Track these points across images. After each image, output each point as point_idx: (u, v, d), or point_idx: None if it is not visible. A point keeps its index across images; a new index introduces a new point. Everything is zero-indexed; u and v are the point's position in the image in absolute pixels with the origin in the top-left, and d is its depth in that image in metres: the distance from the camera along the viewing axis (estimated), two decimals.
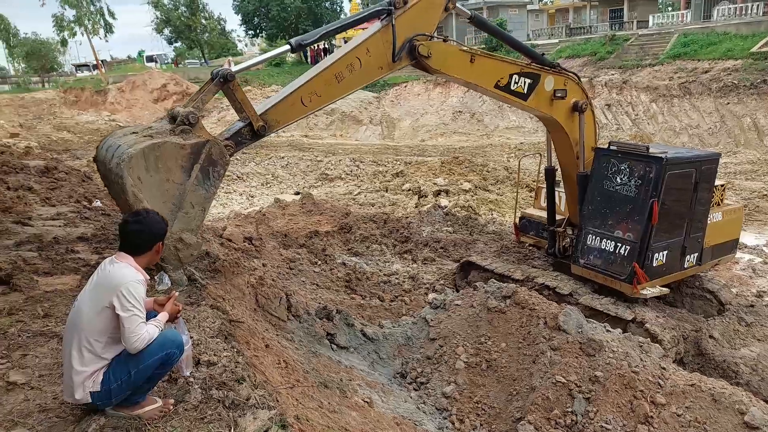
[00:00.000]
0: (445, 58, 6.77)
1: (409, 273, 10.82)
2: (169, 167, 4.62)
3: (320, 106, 6.10)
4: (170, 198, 4.68)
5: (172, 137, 4.76)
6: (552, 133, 8.61)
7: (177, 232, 4.72)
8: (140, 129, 5.09)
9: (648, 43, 32.25)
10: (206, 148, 4.85)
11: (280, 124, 5.77)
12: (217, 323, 4.53)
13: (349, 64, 6.05)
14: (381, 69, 6.36)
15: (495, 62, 7.37)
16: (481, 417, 6.06)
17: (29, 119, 27.44)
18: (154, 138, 4.67)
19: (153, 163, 4.53)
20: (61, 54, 55.75)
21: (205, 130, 5.09)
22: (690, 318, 8.36)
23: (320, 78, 5.93)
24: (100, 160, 5.10)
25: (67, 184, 9.07)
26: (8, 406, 3.45)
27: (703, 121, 25.33)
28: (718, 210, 8.91)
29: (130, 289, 3.01)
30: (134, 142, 4.57)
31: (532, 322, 6.65)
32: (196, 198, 4.85)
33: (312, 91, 5.86)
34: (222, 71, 5.24)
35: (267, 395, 3.67)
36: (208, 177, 4.87)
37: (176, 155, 4.68)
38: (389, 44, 6.24)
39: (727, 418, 5.12)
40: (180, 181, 4.71)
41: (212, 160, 4.88)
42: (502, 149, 25.40)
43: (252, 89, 37.64)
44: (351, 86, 6.20)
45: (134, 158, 4.40)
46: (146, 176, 4.46)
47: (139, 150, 4.42)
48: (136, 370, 3.06)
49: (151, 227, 3.24)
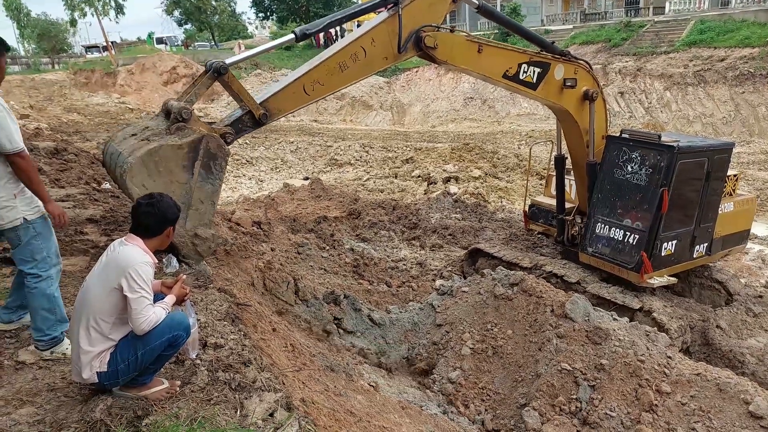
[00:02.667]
0: (451, 49, 6.69)
1: (417, 259, 10.83)
2: (171, 169, 4.65)
3: (323, 95, 6.06)
4: (178, 198, 4.65)
5: (168, 138, 4.73)
6: (562, 122, 8.53)
7: (191, 229, 4.82)
8: (138, 129, 5.10)
9: (664, 29, 31.76)
10: (203, 144, 4.82)
11: (282, 112, 5.78)
12: (225, 306, 4.56)
13: (353, 53, 6.00)
14: (386, 59, 6.31)
15: (503, 52, 7.28)
16: (485, 402, 6.09)
17: (39, 100, 27.54)
18: (151, 142, 4.66)
19: (154, 169, 4.56)
20: (71, 35, 55.88)
21: (200, 123, 5.06)
22: (697, 308, 8.33)
23: (323, 67, 5.88)
24: (107, 166, 5.17)
25: (77, 166, 9.10)
26: (17, 385, 3.51)
27: (718, 110, 25.00)
28: (730, 200, 8.83)
29: (138, 271, 3.03)
30: (133, 149, 4.59)
31: (539, 309, 6.65)
32: (203, 193, 4.89)
33: (315, 80, 5.82)
34: (215, 63, 5.21)
35: (273, 378, 3.69)
36: (211, 171, 4.88)
37: (175, 156, 4.68)
38: (395, 35, 6.17)
39: (732, 408, 5.11)
40: (184, 180, 4.74)
41: (211, 154, 4.87)
42: (513, 136, 25.24)
43: (262, 73, 37.60)
44: (354, 76, 6.15)
45: (134, 167, 4.44)
46: (150, 182, 4.50)
47: (137, 159, 4.44)
48: (143, 351, 3.09)
49: (163, 211, 3.25)
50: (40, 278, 3.79)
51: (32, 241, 3.79)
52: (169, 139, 4.74)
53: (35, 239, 3.80)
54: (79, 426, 3.04)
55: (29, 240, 3.79)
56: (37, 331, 3.84)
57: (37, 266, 3.78)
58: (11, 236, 3.76)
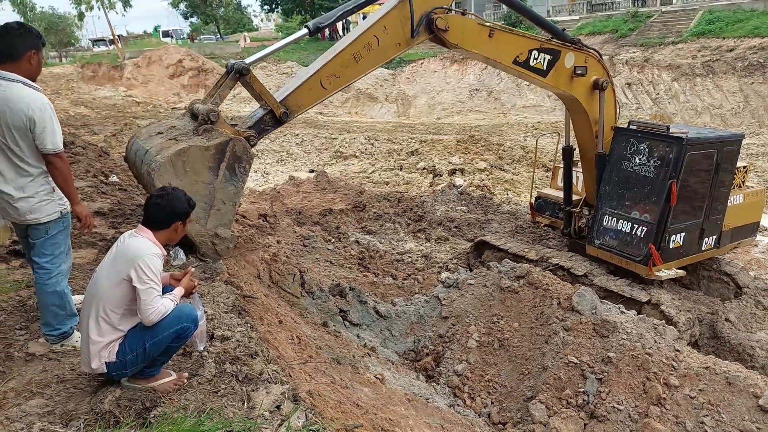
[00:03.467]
0: (463, 32, 6.66)
1: (423, 252, 10.81)
2: (197, 169, 4.76)
3: (340, 88, 6.08)
4: (202, 198, 4.81)
5: (196, 139, 4.85)
6: (571, 111, 8.47)
7: (212, 228, 4.94)
8: (164, 128, 5.21)
9: (672, 20, 31.49)
10: (230, 146, 4.93)
11: (301, 109, 5.81)
12: (231, 298, 4.57)
13: (366, 43, 6.00)
14: (399, 45, 6.30)
15: (514, 37, 7.23)
16: (492, 395, 6.09)
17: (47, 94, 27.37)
18: (179, 142, 4.78)
19: (181, 168, 4.67)
20: (78, 29, 55.97)
21: (226, 125, 5.15)
22: (706, 300, 8.29)
23: (338, 59, 5.89)
24: (130, 162, 5.34)
25: (85, 159, 9.12)
26: (27, 377, 3.54)
27: (726, 101, 24.80)
28: (739, 192, 8.76)
29: (147, 262, 3.05)
30: (161, 148, 4.71)
31: (546, 302, 6.63)
32: (226, 194, 4.99)
33: (331, 73, 5.85)
34: (237, 65, 5.27)
35: (280, 370, 3.70)
36: (235, 173, 4.99)
37: (202, 157, 4.79)
38: (407, 19, 6.16)
39: (741, 402, 5.09)
40: (208, 181, 4.84)
41: (237, 157, 4.98)
42: (519, 128, 25.14)
43: (267, 65, 37.50)
44: (369, 65, 6.16)
45: (163, 166, 4.56)
46: (176, 181, 4.57)
47: (167, 158, 4.56)
48: (151, 342, 3.11)
49: (173, 205, 3.27)
50: (52, 274, 3.80)
51: (57, 236, 3.83)
52: (197, 140, 4.84)
53: (61, 234, 3.85)
54: (88, 417, 3.06)
55: (55, 234, 3.83)
56: (47, 326, 3.87)
57: (51, 261, 3.81)
58: (39, 228, 3.78)
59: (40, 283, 3.81)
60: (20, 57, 3.56)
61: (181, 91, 33.65)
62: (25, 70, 3.59)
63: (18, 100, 3.49)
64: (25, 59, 3.59)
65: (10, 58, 3.55)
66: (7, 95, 3.50)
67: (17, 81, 3.53)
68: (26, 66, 3.60)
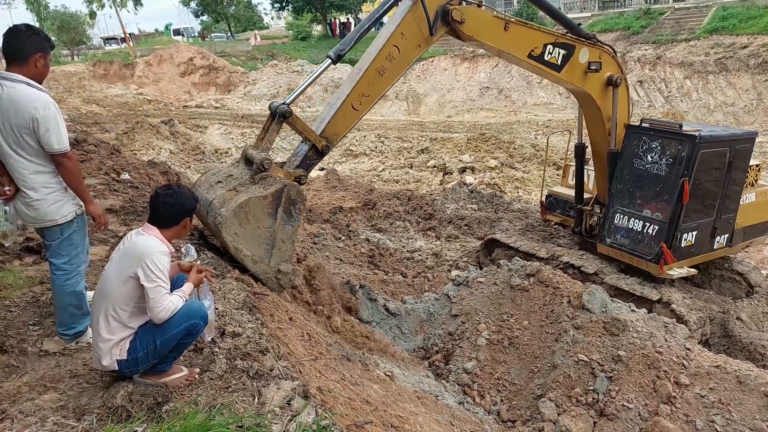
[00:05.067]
0: (478, 24, 6.63)
1: (433, 250, 10.81)
2: (258, 217, 5.17)
3: (371, 105, 6.23)
4: (264, 240, 5.27)
5: (254, 189, 5.27)
6: (584, 107, 8.42)
7: (275, 265, 5.35)
8: (223, 177, 5.66)
9: (684, 17, 31.18)
10: (285, 192, 5.30)
11: (339, 135, 6.05)
12: (242, 295, 4.59)
13: (387, 54, 6.07)
14: (419, 47, 6.32)
15: (529, 31, 7.19)
16: (501, 393, 6.09)
17: (59, 92, 27.80)
18: (239, 193, 5.24)
19: (244, 218, 5.09)
20: (90, 27, 56.36)
21: (278, 170, 5.56)
22: (717, 299, 8.23)
23: (364, 79, 5.99)
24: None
25: (96, 157, 9.19)
26: (40, 372, 3.58)
27: (739, 99, 24.54)
28: (752, 191, 8.69)
29: (154, 260, 3.07)
30: (224, 200, 5.19)
31: (556, 300, 6.61)
32: (285, 234, 5.37)
33: (359, 94, 6.00)
34: (279, 109, 5.55)
35: (290, 366, 3.72)
36: (291, 215, 5.37)
37: (261, 206, 5.17)
38: (422, 20, 6.16)
39: (752, 401, 5.05)
40: (269, 225, 5.24)
41: (292, 200, 5.34)
42: (530, 126, 25.03)
43: (278, 63, 37.60)
44: (395, 75, 6.25)
45: (228, 219, 5.01)
46: (241, 230, 5.07)
47: (231, 211, 5.01)
48: (161, 339, 3.13)
49: (180, 202, 3.29)
50: (70, 275, 3.82)
51: (73, 236, 3.84)
52: (255, 189, 5.25)
53: (75, 235, 3.85)
54: (100, 411, 3.09)
55: (70, 235, 3.83)
56: (63, 325, 3.90)
57: (69, 262, 3.82)
58: (54, 230, 3.78)
59: (58, 284, 3.82)
60: (26, 60, 3.60)
61: (192, 89, 33.80)
62: (31, 72, 3.62)
63: (22, 100, 3.52)
64: (31, 62, 3.61)
65: (17, 60, 3.59)
66: (12, 95, 3.52)
67: (21, 82, 3.56)
68: (32, 69, 3.63)
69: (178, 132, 21.03)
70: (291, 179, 5.55)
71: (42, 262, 5.21)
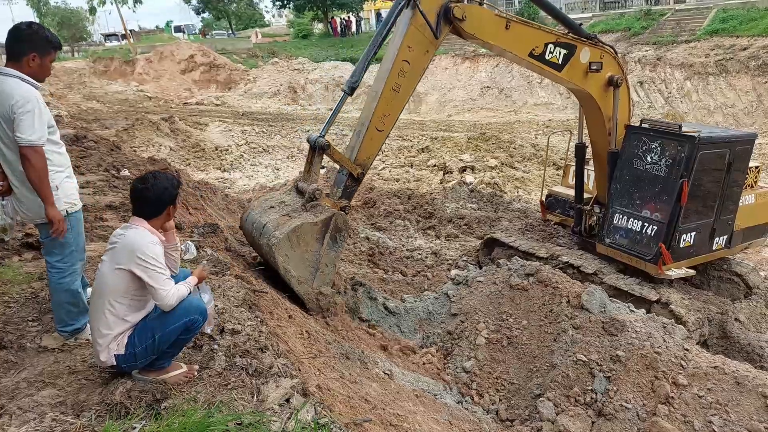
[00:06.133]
0: (480, 22, 6.64)
1: (432, 249, 10.81)
2: (307, 241, 5.65)
3: (394, 123, 6.48)
4: (310, 263, 5.72)
5: (306, 215, 5.77)
6: (584, 107, 8.42)
7: (317, 287, 5.78)
8: (276, 203, 6.18)
9: (685, 18, 31.15)
10: (333, 220, 5.82)
11: (371, 159, 6.39)
12: (242, 293, 4.60)
13: (399, 71, 6.21)
14: (427, 53, 6.39)
15: (531, 30, 7.18)
16: (500, 392, 6.10)
17: (60, 88, 27.75)
18: (292, 218, 5.72)
19: (295, 242, 5.57)
20: (90, 23, 56.23)
21: (327, 200, 6.09)
22: (716, 300, 8.23)
23: (382, 100, 6.20)
24: (246, 231, 6.29)
25: (96, 153, 9.19)
26: (39, 368, 3.57)
27: (739, 100, 24.52)
28: (751, 192, 8.69)
29: (146, 251, 3.08)
30: (277, 224, 5.66)
31: (555, 300, 6.62)
32: (328, 259, 5.83)
33: (381, 116, 6.25)
34: (318, 143, 6.02)
35: (289, 364, 3.73)
36: (336, 241, 5.86)
37: (311, 231, 5.67)
38: (425, 27, 6.20)
39: (749, 401, 5.06)
40: (315, 249, 5.71)
41: (338, 228, 5.87)
42: (530, 126, 25.01)
43: (279, 61, 37.54)
44: (410, 88, 6.42)
45: (282, 242, 5.46)
46: (291, 252, 5.53)
47: (284, 234, 5.47)
48: (160, 334, 3.14)
49: (159, 192, 3.25)
50: (64, 273, 3.81)
51: (66, 235, 3.80)
52: (306, 216, 5.75)
53: (68, 233, 3.81)
54: (99, 408, 3.09)
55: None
56: (61, 323, 3.89)
57: (63, 260, 3.81)
58: (46, 227, 3.76)
59: (54, 282, 3.81)
60: (19, 60, 3.61)
61: (192, 86, 33.73)
62: (26, 71, 3.62)
63: (7, 91, 3.51)
64: (25, 62, 3.62)
65: (12, 58, 3.62)
66: (1, 87, 3.53)
67: (15, 76, 3.57)
68: (26, 68, 3.62)
69: (178, 129, 21.01)
70: (337, 209, 6.05)
71: (41, 258, 5.20)
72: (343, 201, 6.25)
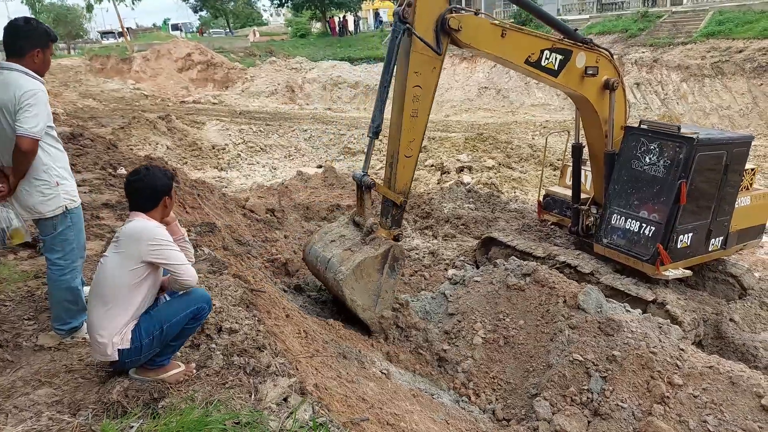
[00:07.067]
0: (476, 32, 6.63)
1: (430, 248, 10.82)
2: (370, 273, 6.11)
3: (420, 145, 6.70)
4: (372, 292, 6.17)
5: (366, 249, 6.22)
6: (581, 110, 8.44)
7: (379, 312, 6.26)
8: (336, 236, 6.62)
9: (681, 20, 31.24)
10: (391, 252, 6.23)
11: (408, 184, 6.69)
12: (239, 292, 4.60)
13: (413, 97, 6.29)
14: (435, 69, 6.38)
15: (526, 37, 7.18)
16: (496, 392, 6.11)
17: (55, 86, 27.64)
18: (354, 252, 6.20)
19: (359, 275, 6.03)
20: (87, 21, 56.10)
21: (382, 230, 6.49)
22: (711, 301, 8.27)
23: (405, 130, 6.38)
24: (310, 264, 6.75)
25: (93, 152, 9.16)
26: (35, 366, 3.56)
27: (735, 102, 24.62)
28: (747, 194, 8.72)
29: (155, 236, 3.12)
30: (341, 259, 6.15)
31: (552, 300, 6.64)
32: (388, 285, 6.27)
33: (407, 144, 6.45)
34: (364, 182, 6.48)
35: (287, 363, 3.73)
36: (394, 270, 6.29)
37: (373, 264, 6.11)
38: (425, 48, 6.19)
39: (744, 401, 5.08)
40: (376, 279, 6.15)
41: (396, 258, 6.29)
42: (527, 126, 25.06)
43: (277, 60, 37.52)
44: (427, 108, 6.52)
45: (348, 277, 5.95)
46: (356, 284, 6.02)
47: (350, 271, 5.96)
48: (168, 324, 3.14)
49: (152, 185, 3.25)
50: (64, 270, 3.79)
51: (66, 232, 3.79)
52: (367, 250, 6.19)
53: (69, 230, 3.80)
54: (96, 407, 3.09)
55: (63, 230, 3.79)
56: (58, 320, 3.87)
57: (63, 257, 3.79)
58: (46, 224, 3.75)
59: (53, 279, 3.79)
60: (23, 56, 3.60)
61: (189, 84, 33.66)
62: (29, 67, 3.61)
63: (12, 83, 3.50)
64: (29, 57, 3.61)
65: (14, 55, 3.59)
66: (5, 79, 3.52)
67: (17, 70, 3.56)
68: (30, 63, 3.62)
69: (175, 128, 20.96)
70: (391, 238, 6.46)
71: (37, 257, 5.20)
72: (395, 230, 6.63)
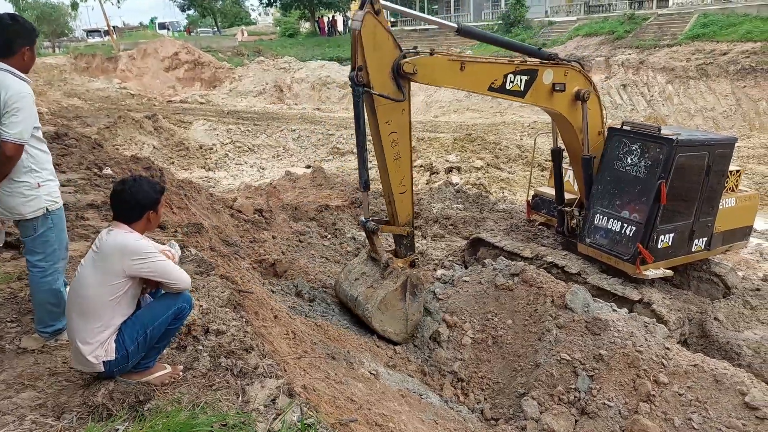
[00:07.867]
0: (432, 71, 6.57)
1: (418, 249, 10.83)
2: (393, 305, 6.60)
3: (411, 178, 6.89)
4: (401, 318, 6.67)
5: (386, 283, 6.66)
6: (555, 121, 8.48)
7: (411, 331, 6.79)
8: (359, 274, 7.01)
9: (667, 23, 31.56)
10: (408, 281, 6.67)
11: (410, 215, 6.97)
12: (227, 293, 4.57)
13: (391, 143, 6.49)
14: (404, 111, 6.46)
15: (487, 66, 7.10)
16: (485, 392, 6.14)
17: (40, 85, 27.28)
18: (376, 289, 6.66)
19: (384, 308, 6.56)
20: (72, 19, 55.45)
21: (398, 261, 6.84)
22: (696, 300, 8.36)
23: (392, 173, 6.64)
24: (342, 301, 7.20)
25: (78, 151, 9.05)
26: (18, 369, 3.51)
27: (719, 104, 24.91)
28: (732, 195, 8.81)
29: (139, 250, 3.05)
30: (366, 297, 6.65)
31: (539, 300, 6.68)
32: (414, 308, 6.74)
33: (398, 182, 6.72)
34: (369, 228, 6.74)
35: (275, 365, 3.71)
36: (415, 294, 6.76)
37: (394, 296, 6.59)
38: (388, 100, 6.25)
39: (727, 399, 5.15)
40: (401, 307, 6.65)
41: (414, 285, 6.75)
42: (515, 127, 25.16)
43: (265, 60, 37.36)
44: (407, 146, 6.70)
45: (374, 314, 6.52)
46: (384, 317, 6.58)
47: (375, 307, 6.51)
48: (151, 327, 3.11)
49: (136, 198, 3.16)
50: (46, 272, 3.72)
51: (47, 233, 3.72)
52: (387, 284, 6.64)
53: (50, 231, 3.72)
54: (80, 410, 3.06)
55: (44, 232, 3.71)
56: (41, 323, 3.81)
57: (45, 259, 3.72)
58: (26, 226, 3.68)
59: (35, 282, 3.72)
60: (14, 54, 3.54)
61: (176, 84, 33.42)
62: (18, 65, 3.55)
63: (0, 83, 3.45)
64: (19, 55, 3.55)
65: (3, 54, 3.52)
66: None
67: (4, 70, 3.49)
68: (19, 61, 3.56)
69: (161, 127, 20.81)
70: (407, 264, 6.84)
71: (20, 258, 5.12)
72: (411, 255, 6.98)
